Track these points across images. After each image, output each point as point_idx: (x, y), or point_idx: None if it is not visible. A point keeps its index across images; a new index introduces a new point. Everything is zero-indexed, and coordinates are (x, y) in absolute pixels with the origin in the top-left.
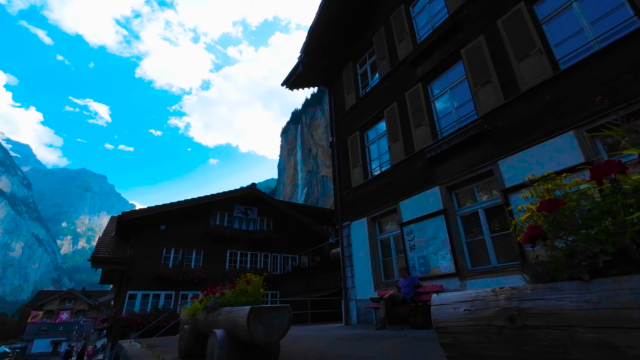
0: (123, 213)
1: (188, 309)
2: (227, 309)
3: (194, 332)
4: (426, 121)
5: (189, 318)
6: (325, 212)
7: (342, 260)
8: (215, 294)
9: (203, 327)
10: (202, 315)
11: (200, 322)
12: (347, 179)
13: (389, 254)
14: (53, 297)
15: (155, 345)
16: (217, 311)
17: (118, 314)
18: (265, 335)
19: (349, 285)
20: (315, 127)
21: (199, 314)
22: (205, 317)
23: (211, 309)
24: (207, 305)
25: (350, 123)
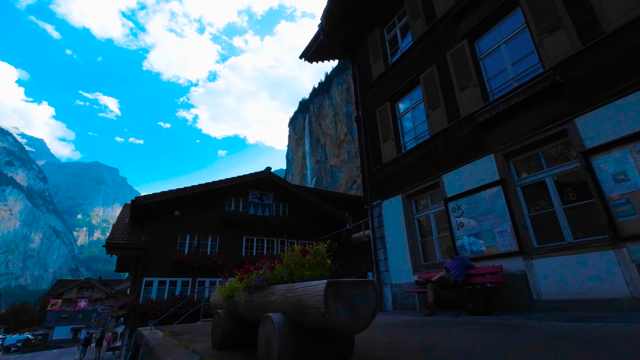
0: (137, 197)
1: (223, 290)
2: (283, 287)
3: (231, 318)
4: (474, 82)
5: (224, 301)
6: (342, 197)
7: (372, 243)
8: (260, 270)
9: (244, 312)
10: (242, 296)
11: (240, 305)
12: (376, 154)
13: (428, 234)
14: (71, 286)
15: (179, 334)
16: (265, 290)
17: (135, 301)
18: (349, 321)
19: (382, 268)
20: (323, 116)
21: (237, 296)
22: (247, 298)
23: (257, 287)
24: (251, 283)
25: (379, 94)
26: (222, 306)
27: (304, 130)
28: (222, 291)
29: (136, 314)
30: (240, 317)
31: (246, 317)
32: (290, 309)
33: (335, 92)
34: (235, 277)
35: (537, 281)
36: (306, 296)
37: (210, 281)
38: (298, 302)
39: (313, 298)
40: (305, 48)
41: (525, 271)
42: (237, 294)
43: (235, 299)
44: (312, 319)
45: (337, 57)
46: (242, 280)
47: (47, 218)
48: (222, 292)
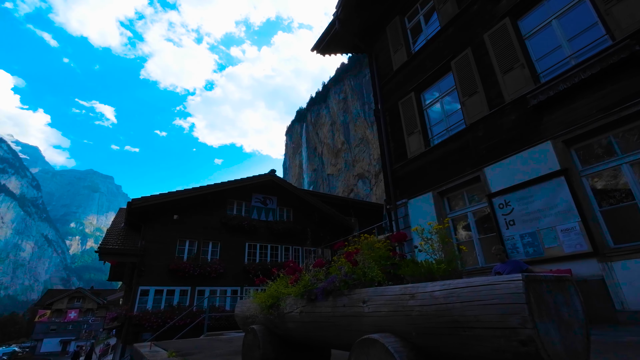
0: (133, 200)
1: (261, 298)
2: (392, 290)
3: (273, 337)
4: (521, 62)
5: (264, 313)
6: (349, 202)
7: (398, 247)
8: (321, 268)
9: (299, 329)
10: (297, 306)
11: (291, 319)
12: (399, 149)
13: (466, 236)
14: (61, 296)
15: (187, 353)
16: (344, 297)
17: (129, 312)
18: (566, 355)
19: None
20: (320, 125)
21: (286, 306)
22: (307, 310)
23: (328, 292)
24: (316, 286)
25: (401, 85)
26: (258, 320)
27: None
28: (259, 299)
29: (130, 325)
30: (288, 335)
31: (301, 337)
32: (417, 328)
33: (332, 102)
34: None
35: (620, 288)
36: (466, 306)
37: (211, 290)
38: (441, 316)
39: (487, 309)
40: (317, 40)
41: (602, 276)
42: (285, 303)
43: (281, 310)
44: (484, 348)
45: (351, 50)
46: (295, 282)
47: (40, 226)
48: (259, 300)
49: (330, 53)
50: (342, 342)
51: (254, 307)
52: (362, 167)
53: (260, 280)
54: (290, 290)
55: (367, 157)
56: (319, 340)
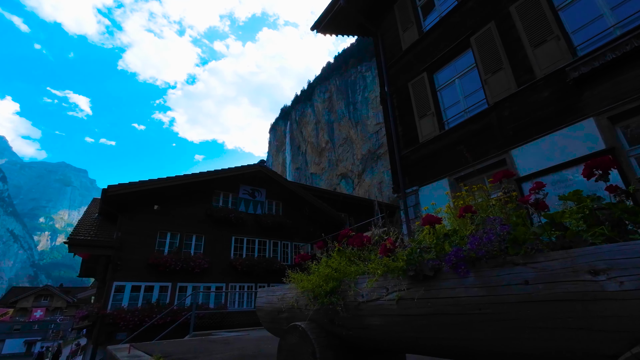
0: (109, 186)
1: (309, 280)
2: None
3: (333, 340)
4: (556, 34)
5: (312, 304)
6: (340, 196)
7: (410, 237)
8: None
9: (400, 330)
10: (387, 290)
11: (374, 312)
12: (409, 133)
13: None
14: (27, 293)
15: (180, 359)
16: (523, 270)
17: (102, 310)
18: None
19: None
20: (304, 124)
21: (358, 291)
22: (422, 297)
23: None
24: (448, 252)
25: (411, 65)
26: (301, 314)
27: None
28: (307, 283)
29: (103, 325)
30: (361, 337)
31: (396, 340)
32: None
33: (317, 100)
34: (327, 253)
35: None
36: None
37: (194, 286)
38: None
39: None
40: (319, 17)
41: None
42: (354, 288)
43: (349, 298)
44: None
45: (354, 31)
46: (389, 253)
47: (5, 221)
48: (308, 284)
49: (331, 33)
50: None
51: (293, 297)
52: (346, 167)
53: (302, 257)
54: (371, 266)
55: (350, 157)
56: (453, 348)
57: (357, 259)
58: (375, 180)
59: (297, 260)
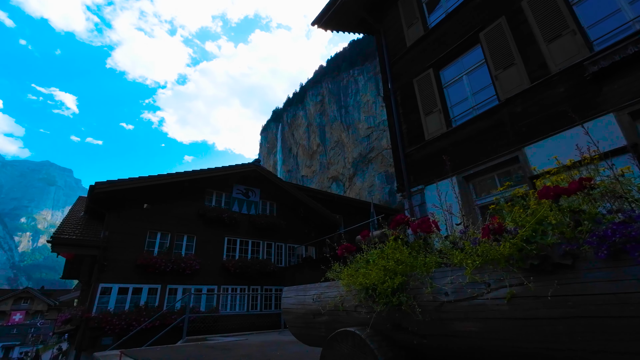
0: (97, 183)
1: (366, 276)
2: None
3: (399, 352)
4: (572, 28)
5: (366, 304)
6: (334, 197)
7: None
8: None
9: (506, 336)
10: (491, 287)
11: (470, 314)
12: (414, 130)
13: None
14: (6, 296)
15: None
16: None
17: (86, 313)
18: None
19: None
20: (296, 126)
21: (442, 287)
22: (555, 293)
23: None
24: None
25: (416, 61)
26: (349, 319)
27: (277, 139)
28: (368, 278)
29: (87, 329)
30: (435, 348)
31: (486, 351)
32: None
33: (309, 104)
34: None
35: None
36: None
37: (184, 288)
38: None
39: None
40: (321, 11)
41: None
42: (431, 285)
43: (424, 297)
44: None
45: (356, 27)
46: (493, 234)
47: None
48: (369, 279)
49: (332, 28)
50: None
51: (337, 296)
52: (337, 170)
53: (346, 249)
54: (456, 255)
55: (342, 160)
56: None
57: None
58: (366, 184)
59: (339, 253)
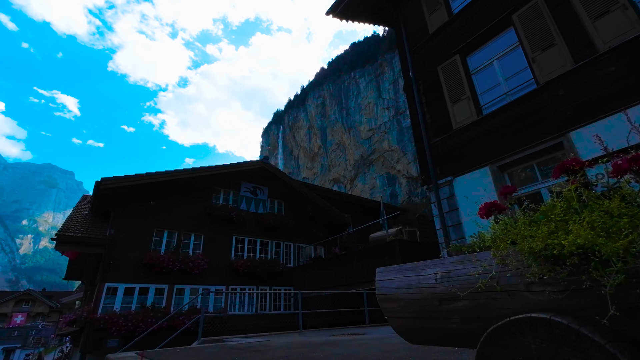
0: (103, 179)
1: (568, 232)
2: None
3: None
4: (622, 4)
5: (555, 277)
6: (343, 196)
7: (444, 233)
8: None
9: None
10: None
11: None
12: (440, 120)
13: None
14: (7, 298)
15: None
16: None
17: (92, 314)
18: None
19: None
20: (297, 128)
21: None
22: None
23: None
24: None
25: (440, 48)
26: (511, 303)
27: (278, 141)
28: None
29: (92, 330)
30: None
31: None
32: None
33: (310, 106)
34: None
35: None
36: None
37: (192, 289)
38: None
39: None
40: (335, 0)
41: None
42: None
43: None
44: None
45: (373, 17)
46: None
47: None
48: (574, 238)
49: (348, 18)
50: None
51: (480, 272)
52: (338, 172)
53: (507, 190)
54: None
55: (343, 162)
56: None
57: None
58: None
59: (484, 212)
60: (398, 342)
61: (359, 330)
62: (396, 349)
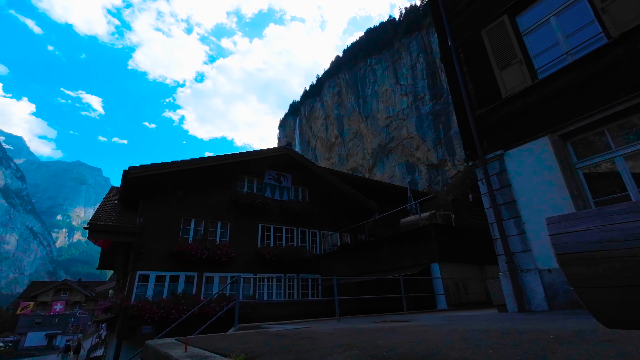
0: (130, 168)
1: None
2: None
3: None
4: None
5: None
6: (368, 182)
7: (494, 212)
8: None
9: None
10: None
11: None
12: (486, 89)
13: (610, 191)
14: (47, 288)
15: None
16: None
17: (126, 301)
18: None
19: (517, 247)
20: (314, 119)
21: None
22: None
23: None
24: None
25: (482, 11)
26: None
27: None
28: None
29: (126, 317)
30: None
31: None
32: None
33: (327, 95)
34: None
35: None
36: None
37: (221, 276)
38: None
39: None
40: None
41: None
42: None
43: None
44: None
45: None
46: None
47: (24, 218)
48: None
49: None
50: None
51: None
52: (356, 162)
53: None
54: None
55: (361, 151)
56: None
57: None
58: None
59: None
60: (448, 328)
61: (399, 317)
62: (467, 336)
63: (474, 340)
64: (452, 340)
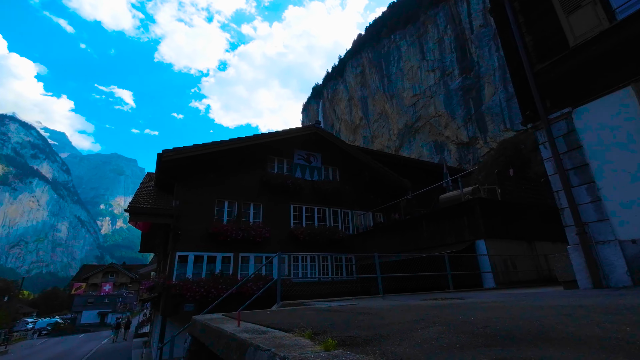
0: (164, 151)
1: None
2: None
3: None
4: None
5: None
6: (400, 160)
7: (561, 179)
8: None
9: None
10: None
11: None
12: (548, 40)
13: None
14: (96, 270)
15: (353, 338)
16: None
17: (168, 280)
18: None
19: (592, 217)
20: (337, 101)
21: None
22: None
23: None
24: None
25: None
26: None
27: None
28: None
29: (168, 296)
30: None
31: None
32: None
33: (349, 76)
34: None
35: None
36: None
37: (256, 257)
38: None
39: None
40: None
41: None
42: None
43: None
44: None
45: None
46: None
47: (72, 208)
48: None
49: None
50: None
51: None
52: (382, 143)
53: None
54: None
55: (386, 132)
56: None
57: None
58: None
59: None
60: (525, 304)
61: (448, 295)
62: (564, 312)
63: (578, 317)
64: (549, 316)
